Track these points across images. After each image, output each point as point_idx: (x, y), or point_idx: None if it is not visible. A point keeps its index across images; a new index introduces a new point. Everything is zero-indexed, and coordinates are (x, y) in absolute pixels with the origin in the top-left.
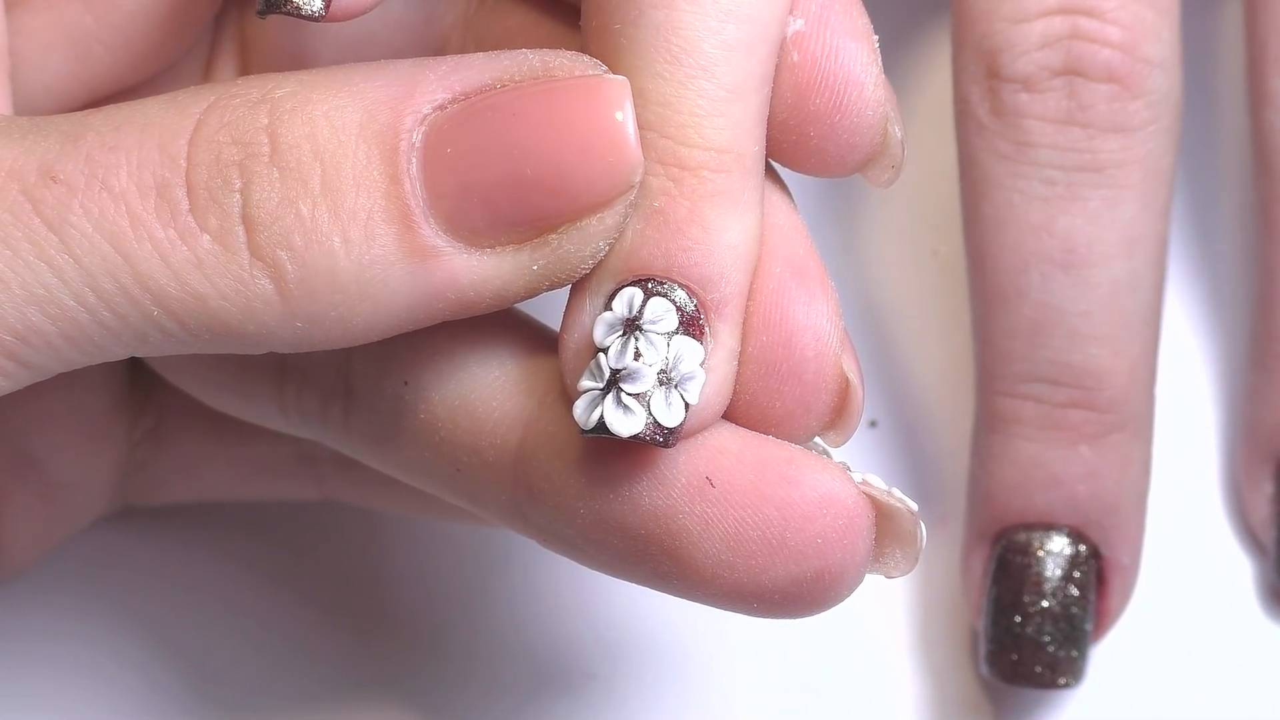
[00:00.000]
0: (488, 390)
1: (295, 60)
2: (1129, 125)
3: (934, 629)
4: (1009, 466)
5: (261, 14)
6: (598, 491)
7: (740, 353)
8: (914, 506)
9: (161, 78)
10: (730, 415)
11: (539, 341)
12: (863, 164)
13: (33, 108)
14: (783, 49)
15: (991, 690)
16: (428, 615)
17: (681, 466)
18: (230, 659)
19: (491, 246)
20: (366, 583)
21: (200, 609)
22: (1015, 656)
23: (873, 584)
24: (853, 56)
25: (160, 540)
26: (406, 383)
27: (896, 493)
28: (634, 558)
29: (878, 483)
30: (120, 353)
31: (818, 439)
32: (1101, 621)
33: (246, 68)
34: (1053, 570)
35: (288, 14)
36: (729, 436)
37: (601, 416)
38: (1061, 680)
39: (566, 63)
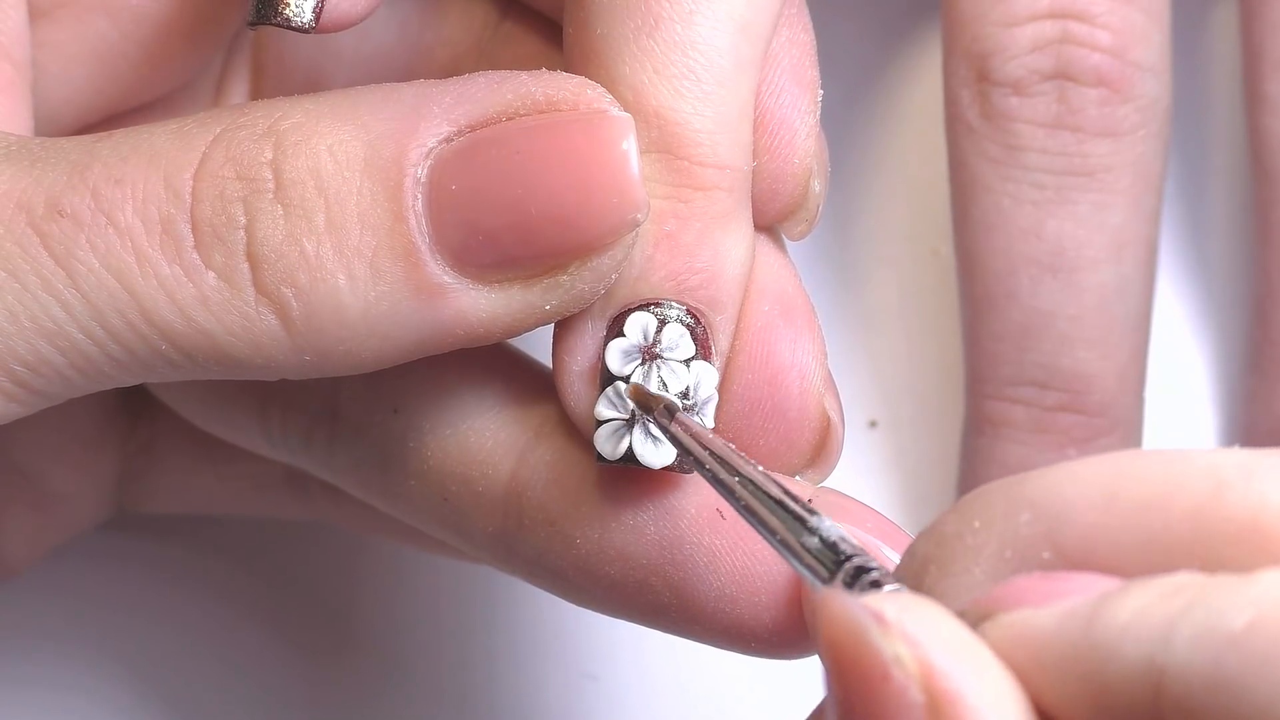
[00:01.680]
0: (480, 419)
1: (309, 80)
2: (1118, 129)
3: None
4: (997, 469)
5: (252, 25)
6: (601, 521)
7: (726, 389)
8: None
9: (175, 94)
10: None
11: (531, 371)
12: (782, 214)
13: (52, 120)
14: None
15: None
16: (427, 615)
17: (691, 497)
18: (216, 669)
19: (499, 282)
20: (363, 583)
21: (187, 617)
22: None
23: None
24: (793, 100)
25: (152, 545)
26: (396, 410)
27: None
28: (630, 590)
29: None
30: (130, 381)
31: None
32: None
33: (259, 86)
34: None
35: (277, 25)
36: None
37: (630, 447)
38: None
39: (570, 94)
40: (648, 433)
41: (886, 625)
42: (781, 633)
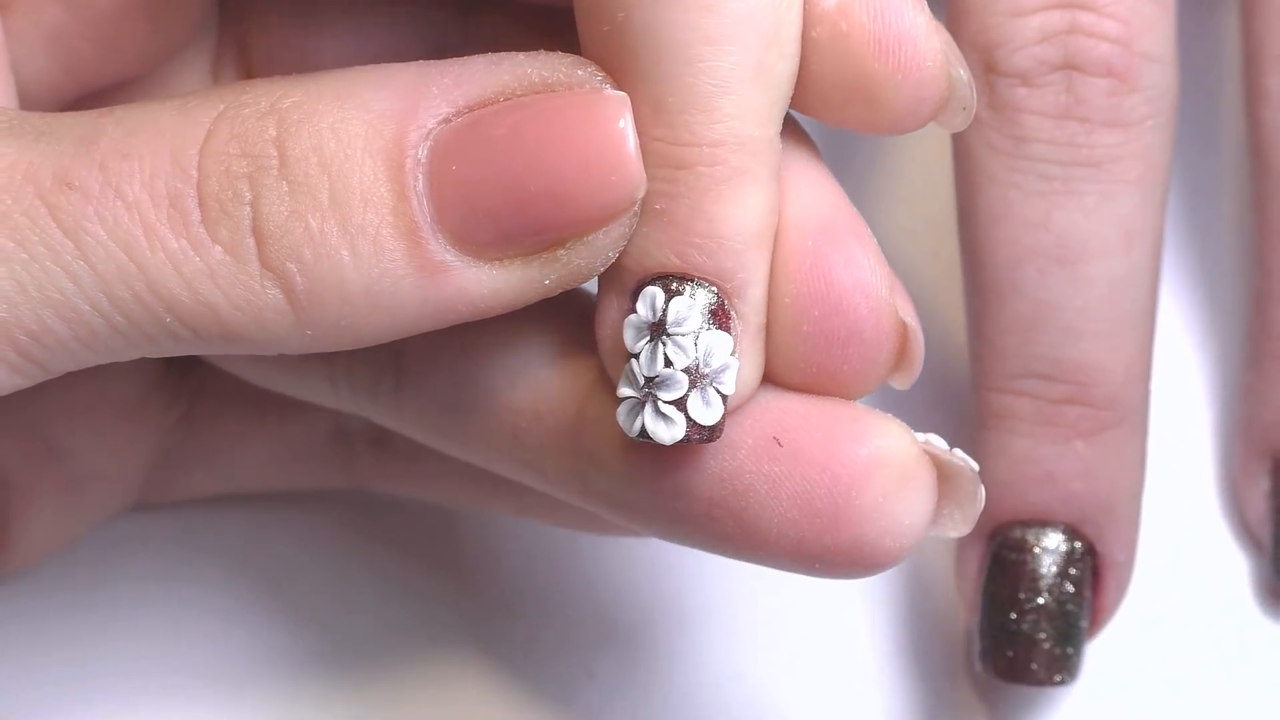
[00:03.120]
0: (548, 356)
1: (300, 58)
2: (1127, 120)
3: (927, 625)
4: (1004, 463)
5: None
6: (661, 461)
7: (796, 333)
8: (975, 466)
9: (165, 72)
10: (801, 386)
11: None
12: (934, 114)
13: (28, 105)
14: (830, 19)
15: (985, 688)
16: (427, 612)
17: (748, 429)
18: (208, 672)
19: (499, 259)
20: (358, 583)
21: (178, 621)
22: (1011, 654)
23: (865, 581)
24: (898, 12)
25: (144, 548)
26: (463, 351)
27: (959, 453)
28: (698, 521)
29: (939, 443)
30: (132, 354)
31: None
32: (1096, 618)
33: (249, 65)
34: (1048, 567)
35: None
36: (794, 397)
37: (643, 425)
38: (1057, 678)
39: (564, 75)
40: (657, 411)
41: None
42: (845, 551)
